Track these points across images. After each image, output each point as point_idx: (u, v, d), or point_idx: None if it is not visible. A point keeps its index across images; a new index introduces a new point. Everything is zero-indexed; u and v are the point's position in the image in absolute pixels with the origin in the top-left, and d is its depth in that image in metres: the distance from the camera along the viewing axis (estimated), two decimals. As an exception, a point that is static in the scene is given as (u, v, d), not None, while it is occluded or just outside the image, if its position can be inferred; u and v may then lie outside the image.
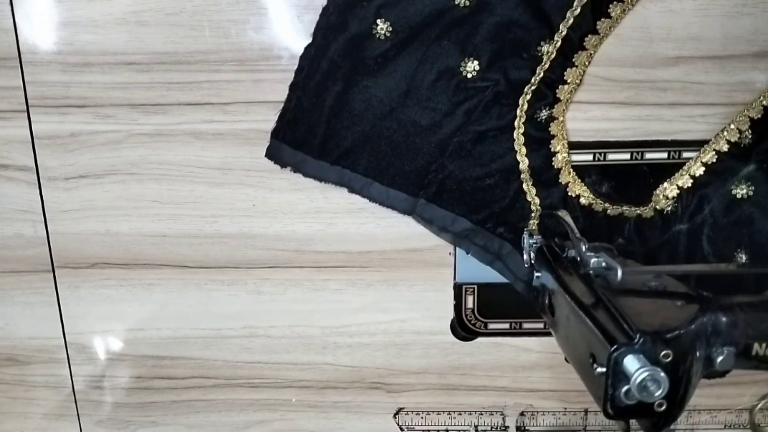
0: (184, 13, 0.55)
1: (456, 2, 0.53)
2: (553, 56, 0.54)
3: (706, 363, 0.41)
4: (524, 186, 0.57)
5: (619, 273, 0.45)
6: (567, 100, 0.56)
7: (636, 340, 0.38)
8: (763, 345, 0.41)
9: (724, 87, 0.55)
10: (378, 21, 0.54)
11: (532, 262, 0.56)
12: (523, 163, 0.57)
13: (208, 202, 0.61)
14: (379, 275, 0.62)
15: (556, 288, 0.51)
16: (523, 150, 0.56)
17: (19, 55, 0.57)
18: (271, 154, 0.58)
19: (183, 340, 0.65)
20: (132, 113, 0.58)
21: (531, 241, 0.57)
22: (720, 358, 0.41)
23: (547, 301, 0.54)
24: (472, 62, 0.54)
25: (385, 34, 0.54)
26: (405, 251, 0.61)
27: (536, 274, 0.56)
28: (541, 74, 0.54)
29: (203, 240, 0.62)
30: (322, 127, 0.57)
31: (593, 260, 0.49)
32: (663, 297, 0.46)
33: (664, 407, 0.39)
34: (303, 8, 0.55)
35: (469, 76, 0.55)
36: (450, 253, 0.61)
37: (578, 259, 0.51)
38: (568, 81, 0.55)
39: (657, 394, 0.37)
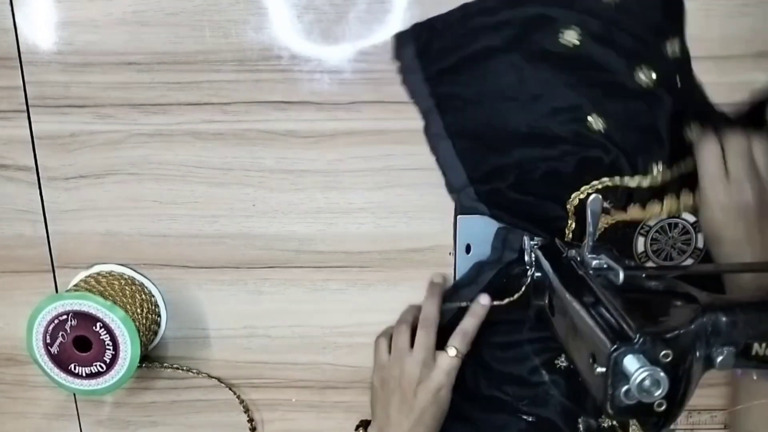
0: (184, 13, 0.55)
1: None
2: None
3: (706, 363, 0.41)
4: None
5: (621, 275, 0.45)
6: None
7: (636, 340, 0.38)
8: (763, 345, 0.41)
9: (724, 87, 0.55)
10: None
11: (533, 262, 0.56)
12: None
13: (208, 202, 0.61)
14: (379, 275, 0.62)
15: (556, 288, 0.51)
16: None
17: (19, 55, 0.57)
18: (399, 40, 0.55)
19: (183, 340, 0.65)
20: (132, 113, 0.58)
21: (532, 242, 0.56)
22: (720, 358, 0.41)
23: (547, 301, 0.54)
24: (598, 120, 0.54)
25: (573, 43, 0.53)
26: (405, 251, 0.61)
27: (536, 274, 0.56)
28: None
29: (203, 240, 0.62)
30: (452, 59, 0.55)
31: (594, 262, 0.49)
32: (663, 297, 0.46)
33: (664, 407, 0.39)
34: (303, 8, 0.55)
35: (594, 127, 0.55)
36: (450, 253, 0.61)
37: (578, 259, 0.51)
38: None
39: (657, 394, 0.37)
